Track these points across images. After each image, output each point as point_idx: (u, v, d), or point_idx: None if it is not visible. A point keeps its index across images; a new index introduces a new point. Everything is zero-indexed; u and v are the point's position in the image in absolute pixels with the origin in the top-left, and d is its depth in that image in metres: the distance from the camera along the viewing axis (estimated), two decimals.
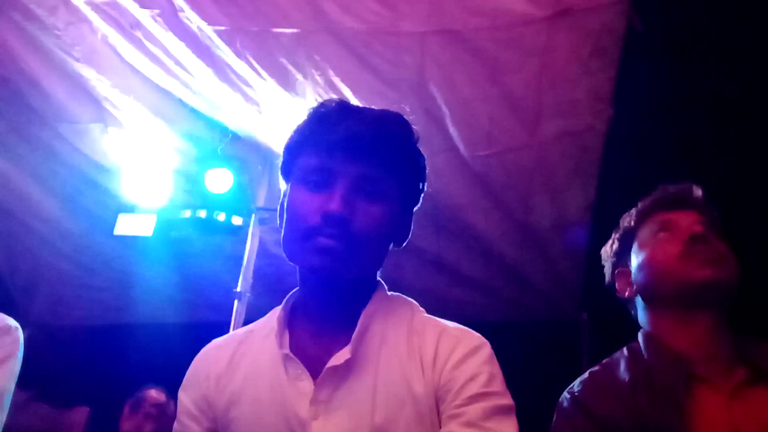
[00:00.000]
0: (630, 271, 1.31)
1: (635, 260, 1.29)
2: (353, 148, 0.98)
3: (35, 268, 3.60)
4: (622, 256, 1.34)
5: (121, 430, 2.78)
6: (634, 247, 1.30)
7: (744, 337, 1.21)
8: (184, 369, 1.10)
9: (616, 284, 1.35)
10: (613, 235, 1.39)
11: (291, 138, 1.06)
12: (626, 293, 1.31)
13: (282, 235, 1.03)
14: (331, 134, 0.99)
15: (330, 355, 0.98)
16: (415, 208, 1.11)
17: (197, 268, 3.55)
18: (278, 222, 1.06)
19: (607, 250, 1.40)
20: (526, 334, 3.30)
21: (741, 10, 2.15)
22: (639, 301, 1.30)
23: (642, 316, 1.29)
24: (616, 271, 1.35)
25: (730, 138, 2.51)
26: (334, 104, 1.05)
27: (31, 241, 3.44)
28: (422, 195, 1.10)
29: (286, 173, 1.07)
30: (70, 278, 3.66)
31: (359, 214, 0.97)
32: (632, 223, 1.32)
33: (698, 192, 1.29)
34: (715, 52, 2.27)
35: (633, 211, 1.34)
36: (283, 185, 1.09)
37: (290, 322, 1.06)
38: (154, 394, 2.83)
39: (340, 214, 0.95)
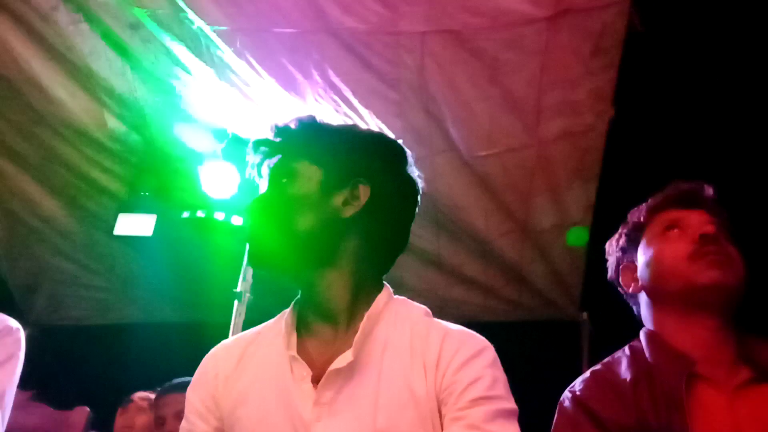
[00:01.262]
0: (636, 267, 1.29)
1: (642, 256, 1.28)
2: (259, 154, 1.13)
3: (35, 268, 3.60)
4: (628, 251, 1.32)
5: (114, 429, 2.80)
6: (642, 242, 1.29)
7: (748, 337, 1.21)
8: (183, 369, 1.10)
9: (621, 279, 1.34)
10: (620, 229, 1.37)
11: None
12: (630, 288, 1.31)
13: None
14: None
15: (334, 357, 0.99)
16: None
17: (197, 268, 3.54)
18: None
19: (613, 244, 1.38)
20: (526, 334, 3.30)
21: (741, 10, 2.15)
22: (643, 298, 1.29)
23: (645, 312, 1.29)
24: (621, 266, 1.34)
25: (730, 138, 2.51)
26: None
27: (31, 241, 3.44)
28: (355, 159, 1.12)
29: None
30: (70, 278, 3.66)
31: (274, 198, 1.09)
32: (641, 219, 1.31)
33: (710, 191, 1.28)
34: (715, 52, 2.27)
35: (643, 206, 1.33)
36: None
37: (298, 324, 1.08)
38: (143, 393, 2.86)
39: (250, 207, 1.10)
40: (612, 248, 1.39)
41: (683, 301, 1.19)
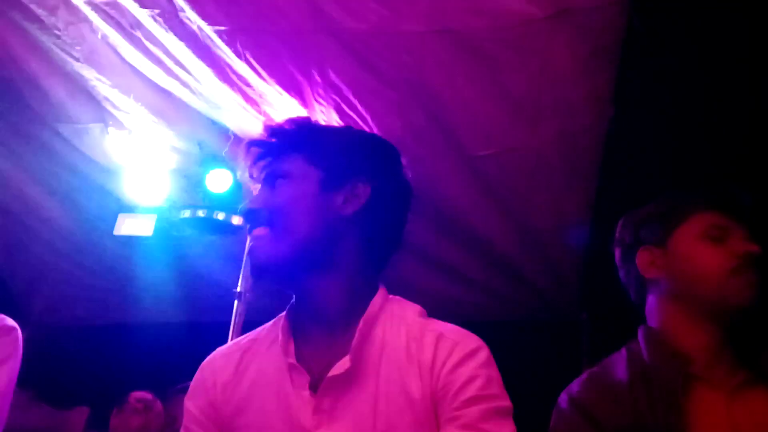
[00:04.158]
0: (660, 252, 1.26)
1: (679, 248, 1.25)
2: (253, 155, 1.16)
3: (35, 268, 3.60)
4: (659, 234, 1.28)
5: (110, 429, 2.82)
6: (678, 233, 1.26)
7: (745, 340, 1.21)
8: (183, 368, 1.11)
9: (638, 258, 1.29)
10: (652, 207, 1.33)
11: None
12: (646, 272, 1.28)
13: None
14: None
15: (332, 363, 0.99)
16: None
17: (197, 268, 3.55)
18: None
19: (636, 217, 1.33)
20: (526, 334, 3.31)
21: (742, 10, 2.15)
22: (660, 285, 1.27)
23: (653, 300, 1.27)
24: (641, 245, 1.30)
25: (730, 138, 2.51)
26: None
27: (31, 241, 3.44)
28: (352, 158, 1.12)
29: None
30: (70, 278, 3.66)
31: (271, 199, 1.08)
32: (686, 209, 1.27)
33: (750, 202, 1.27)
34: (715, 52, 2.27)
35: (688, 195, 1.29)
36: None
37: (294, 329, 1.07)
38: (139, 393, 2.89)
39: (247, 209, 1.10)
40: (634, 222, 1.33)
41: (706, 307, 1.19)
